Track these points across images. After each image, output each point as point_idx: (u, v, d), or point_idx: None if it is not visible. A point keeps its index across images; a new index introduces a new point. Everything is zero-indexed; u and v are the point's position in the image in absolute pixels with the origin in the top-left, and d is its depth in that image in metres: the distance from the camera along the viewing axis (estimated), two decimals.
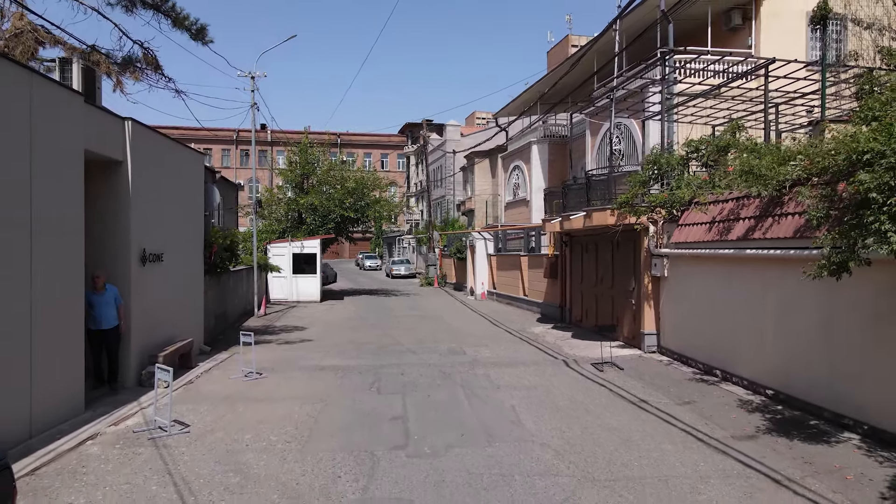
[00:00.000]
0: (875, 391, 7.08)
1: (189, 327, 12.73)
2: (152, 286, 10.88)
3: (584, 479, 6.27)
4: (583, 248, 16.85)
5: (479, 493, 5.91)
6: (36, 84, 7.44)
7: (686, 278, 11.68)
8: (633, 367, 11.73)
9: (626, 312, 13.97)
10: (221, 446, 7.28)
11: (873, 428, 7.07)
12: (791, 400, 8.53)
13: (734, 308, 9.97)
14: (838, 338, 7.70)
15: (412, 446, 7.31)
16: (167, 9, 12.60)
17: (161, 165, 11.37)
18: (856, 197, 6.15)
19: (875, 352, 7.09)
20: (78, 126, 8.40)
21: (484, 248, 28.11)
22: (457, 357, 13.19)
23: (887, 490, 5.77)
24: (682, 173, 12.49)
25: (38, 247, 7.41)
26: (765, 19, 20.49)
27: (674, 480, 6.20)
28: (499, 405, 9.19)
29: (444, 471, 6.49)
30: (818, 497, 5.70)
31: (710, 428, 7.90)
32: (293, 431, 7.89)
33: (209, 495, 5.85)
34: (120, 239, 9.97)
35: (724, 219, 10.19)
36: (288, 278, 26.39)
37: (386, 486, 6.12)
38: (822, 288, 7.59)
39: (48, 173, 7.66)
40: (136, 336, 10.22)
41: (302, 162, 29.33)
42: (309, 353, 13.84)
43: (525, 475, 6.37)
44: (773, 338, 8.98)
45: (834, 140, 7.10)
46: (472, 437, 7.67)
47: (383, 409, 8.96)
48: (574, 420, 8.36)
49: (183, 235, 12.56)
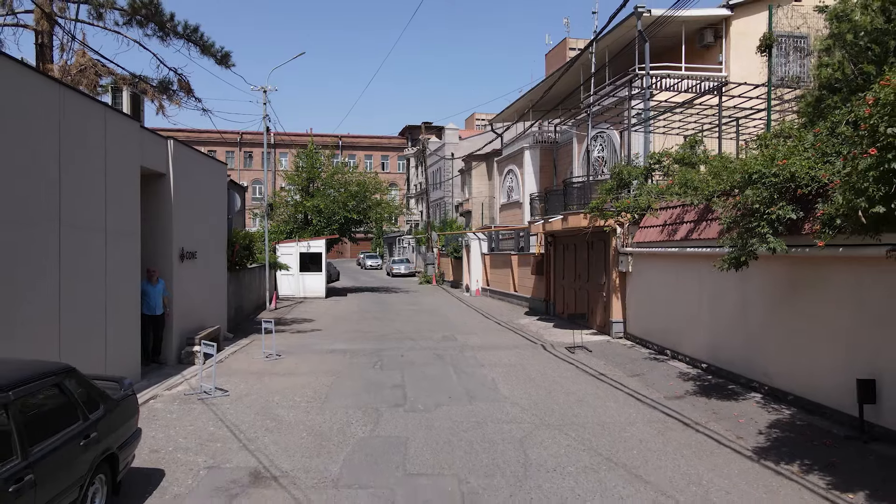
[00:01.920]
0: (774, 359, 8.97)
1: (215, 316, 14.63)
2: (188, 280, 12.77)
3: (541, 424, 8.16)
4: (564, 247, 18.74)
5: (459, 433, 7.80)
6: (108, 116, 9.34)
7: (645, 273, 13.56)
8: (601, 349, 13.62)
9: (599, 304, 15.86)
10: (257, 404, 9.17)
11: (772, 388, 8.96)
12: (719, 371, 10.42)
13: (680, 297, 11.86)
14: (750, 319, 9.59)
15: (408, 405, 9.20)
16: (196, 38, 14.52)
17: (194, 176, 13.25)
18: (746, 207, 8.03)
19: (773, 329, 8.98)
20: (136, 147, 10.29)
21: (478, 248, 29.99)
22: (449, 343, 15.08)
23: (764, 428, 7.67)
24: (644, 182, 14.37)
25: (110, 247, 9.31)
26: (734, 38, 22.35)
27: (609, 425, 8.09)
28: (481, 378, 11.08)
29: (433, 420, 8.38)
30: (711, 433, 7.60)
31: (649, 392, 9.79)
32: (313, 395, 9.78)
33: (254, 433, 7.74)
34: (164, 239, 11.86)
35: (672, 222, 12.08)
36: (295, 276, 28.27)
37: (387, 429, 8.01)
38: (738, 279, 9.47)
39: (117, 186, 9.55)
40: (177, 322, 12.11)
41: (308, 167, 31.23)
42: (320, 339, 15.73)
43: (496, 422, 8.25)
44: (706, 321, 10.88)
45: (738, 161, 8.96)
46: (456, 399, 9.56)
47: (385, 380, 10.86)
48: (541, 388, 10.25)
49: (211, 236, 14.45)
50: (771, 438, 7.32)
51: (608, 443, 7.35)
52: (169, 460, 6.73)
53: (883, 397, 6.88)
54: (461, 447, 7.22)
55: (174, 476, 6.29)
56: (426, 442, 7.43)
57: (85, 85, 11.28)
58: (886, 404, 6.85)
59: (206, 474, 6.36)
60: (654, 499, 5.73)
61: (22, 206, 7.24)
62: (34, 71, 7.99)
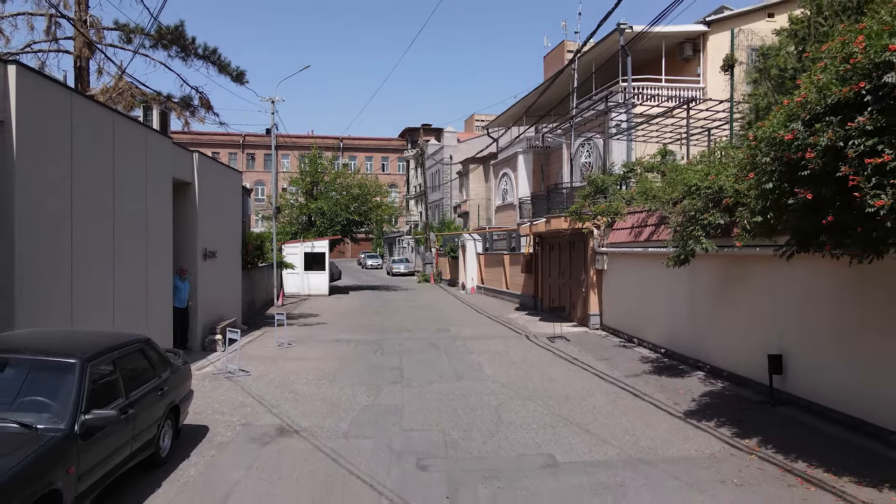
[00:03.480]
0: (714, 342, 10.57)
1: (232, 310, 16.23)
2: (210, 276, 14.37)
3: (515, 395, 9.75)
4: (550, 247, 20.34)
5: (446, 402, 9.39)
6: (148, 135, 10.94)
7: (618, 271, 15.15)
8: (578, 339, 15.21)
9: (579, 299, 17.46)
10: (275, 381, 10.77)
11: (713, 366, 10.55)
12: (674, 354, 12.02)
13: (645, 292, 13.45)
14: (697, 309, 11.18)
15: (404, 382, 10.79)
16: (214, 59, 16.12)
17: (214, 184, 14.84)
18: (687, 214, 9.62)
19: (714, 317, 10.58)
20: (169, 160, 11.89)
21: (474, 248, 31.58)
22: (443, 334, 16.67)
23: (698, 396, 9.28)
24: (619, 189, 15.96)
25: (149, 245, 10.91)
26: (711, 52, 23.92)
27: (572, 396, 9.68)
28: (469, 362, 12.67)
29: (425, 393, 9.97)
30: (655, 401, 9.19)
31: (612, 372, 11.39)
32: (322, 375, 11.37)
33: (276, 402, 9.33)
34: (190, 240, 13.45)
35: (638, 225, 13.67)
36: (300, 274, 29.85)
37: (386, 399, 9.60)
38: (688, 276, 11.06)
39: (155, 195, 11.15)
40: (201, 314, 13.72)
41: (311, 171, 32.85)
42: (325, 331, 17.33)
43: (477, 394, 9.84)
44: (665, 312, 12.47)
45: (684, 173, 10.54)
46: (446, 378, 11.15)
47: (385, 364, 12.45)
48: (520, 369, 11.84)
49: (228, 237, 16.05)
50: (700, 404, 8.92)
51: (568, 408, 8.94)
52: (210, 420, 8.32)
53: (788, 369, 8.47)
54: (447, 412, 8.81)
55: (216, 430, 7.89)
56: (418, 408, 9.02)
57: (123, 105, 12.87)
58: (790, 374, 8.45)
59: (242, 429, 7.96)
60: (595, 444, 7.32)
61: (93, 208, 8.83)
62: (101, 105, 9.57)
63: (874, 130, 5.15)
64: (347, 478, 6.30)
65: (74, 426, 4.68)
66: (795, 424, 7.77)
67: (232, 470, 6.49)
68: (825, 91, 5.66)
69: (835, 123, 5.47)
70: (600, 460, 6.80)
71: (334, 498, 5.84)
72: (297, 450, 7.19)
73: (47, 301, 7.78)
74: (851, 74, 5.41)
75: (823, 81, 5.73)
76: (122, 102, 12.89)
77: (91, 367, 5.15)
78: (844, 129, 5.37)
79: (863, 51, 5.34)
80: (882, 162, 5.01)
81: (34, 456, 4.23)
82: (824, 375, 7.88)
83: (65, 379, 4.92)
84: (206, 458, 6.84)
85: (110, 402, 5.29)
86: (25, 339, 5.75)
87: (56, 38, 13.65)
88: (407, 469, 6.58)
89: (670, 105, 19.92)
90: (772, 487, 5.92)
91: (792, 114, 6.09)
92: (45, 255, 7.75)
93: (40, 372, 5.05)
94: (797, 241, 6.63)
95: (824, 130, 5.53)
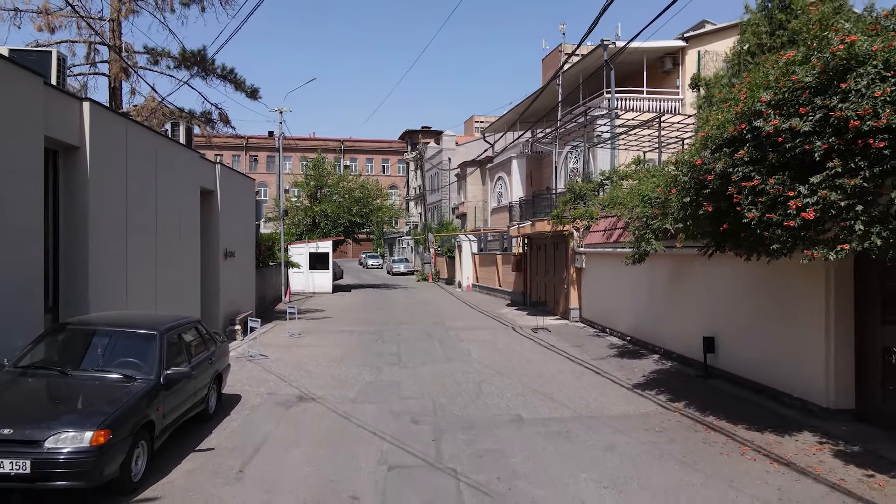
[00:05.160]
0: (667, 329, 12.33)
1: (247, 304, 18.01)
2: (229, 274, 16.14)
3: (496, 374, 11.51)
4: (537, 248, 22.10)
5: (437, 378, 11.14)
6: (182, 151, 12.70)
7: (594, 269, 16.91)
8: (558, 330, 16.97)
9: (561, 294, 19.23)
10: (291, 363, 12.53)
11: (666, 350, 12.32)
12: (637, 341, 13.79)
13: (615, 287, 15.21)
14: (655, 301, 12.94)
15: (402, 364, 12.55)
16: (232, 77, 17.90)
17: (232, 191, 16.61)
18: (640, 219, 11.38)
19: (667, 307, 12.34)
20: (197, 171, 13.66)
21: (469, 248, 33.35)
22: (437, 326, 18.44)
23: (648, 373, 11.05)
24: (596, 195, 17.72)
25: (183, 245, 12.67)
26: (689, 65, 25.69)
27: (544, 374, 11.44)
28: (459, 348, 14.43)
29: (419, 372, 11.73)
30: (612, 377, 10.95)
31: (582, 356, 13.15)
32: (331, 358, 13.13)
33: (294, 378, 11.09)
34: (213, 241, 15.22)
35: (609, 228, 15.44)
36: (305, 273, 31.64)
37: (387, 376, 11.36)
38: (648, 273, 12.82)
39: (186, 203, 12.91)
40: (222, 306, 15.49)
41: (315, 175, 34.65)
42: (331, 324, 19.10)
43: (463, 373, 11.60)
44: (631, 304, 14.23)
45: (642, 184, 12.29)
46: (438, 360, 12.92)
47: (385, 350, 14.21)
48: (503, 354, 13.60)
49: (244, 239, 17.82)
50: (648, 379, 10.69)
51: (539, 383, 10.70)
52: (241, 390, 10.08)
53: (718, 349, 10.24)
54: (437, 385, 10.58)
55: (248, 398, 9.65)
56: (413, 382, 10.79)
57: (155, 123, 14.63)
58: (720, 353, 10.21)
59: (268, 397, 9.72)
60: (554, 407, 9.09)
61: (141, 216, 10.60)
62: (147, 129, 11.35)
63: (750, 161, 6.88)
64: (356, 429, 8.06)
65: (160, 378, 6.44)
66: (717, 391, 9.54)
67: (265, 423, 8.26)
68: (722, 129, 7.42)
69: (727, 154, 7.23)
70: (556, 417, 8.56)
71: (346, 441, 7.59)
72: (315, 411, 8.96)
73: (109, 293, 9.54)
74: (738, 117, 7.16)
75: (721, 121, 7.50)
76: (155, 120, 14.66)
77: (167, 336, 6.92)
78: (732, 158, 7.12)
79: (744, 100, 7.10)
80: (754, 185, 6.75)
81: (137, 396, 5.98)
82: (742, 352, 9.65)
83: (150, 345, 6.69)
84: (243, 416, 8.61)
85: (179, 364, 7.06)
86: (114, 318, 7.54)
87: (94, 62, 15.42)
88: (403, 423, 8.34)
89: (650, 116, 21.67)
90: (682, 432, 7.69)
91: (703, 144, 7.86)
92: (109, 256, 9.52)
93: (131, 340, 6.82)
94: (714, 243, 8.39)
95: (720, 159, 7.28)
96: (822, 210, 6.11)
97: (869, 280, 7.65)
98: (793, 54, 6.86)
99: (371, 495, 5.90)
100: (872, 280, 7.59)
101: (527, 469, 6.54)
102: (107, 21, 15.53)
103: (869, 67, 5.93)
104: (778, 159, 6.58)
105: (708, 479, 6.19)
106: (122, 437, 5.51)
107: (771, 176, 6.61)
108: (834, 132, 6.05)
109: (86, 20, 13.72)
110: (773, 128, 6.51)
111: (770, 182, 6.57)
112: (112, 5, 15.37)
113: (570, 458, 6.89)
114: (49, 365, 6.44)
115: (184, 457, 6.83)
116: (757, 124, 6.74)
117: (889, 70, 5.83)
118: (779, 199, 6.50)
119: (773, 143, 6.59)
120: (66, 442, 5.16)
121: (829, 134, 6.08)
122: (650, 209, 11.07)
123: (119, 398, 5.82)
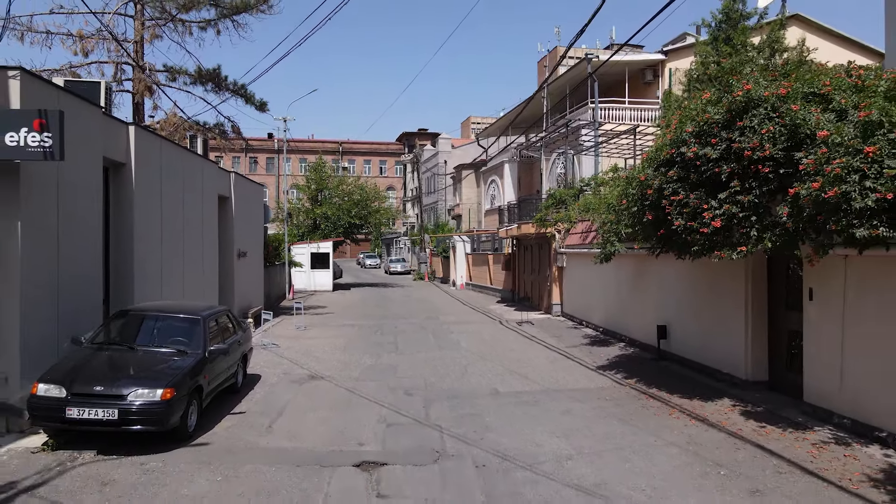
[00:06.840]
0: (632, 320, 14.02)
1: (257, 300, 19.65)
2: (242, 272, 17.79)
3: (480, 359, 13.19)
4: (525, 248, 23.79)
5: (429, 362, 12.81)
6: (204, 163, 14.35)
7: (573, 267, 18.60)
8: (541, 323, 18.65)
9: (545, 291, 20.92)
10: (301, 351, 14.18)
11: (631, 339, 14.01)
12: (608, 332, 15.48)
13: (591, 284, 16.90)
14: (622, 296, 14.63)
15: (398, 351, 14.22)
16: (242, 92, 19.56)
17: (244, 196, 18.26)
18: (606, 224, 13.06)
19: (631, 301, 14.04)
20: (216, 181, 15.31)
21: (463, 249, 35.03)
22: (431, 320, 20.12)
23: (612, 357, 12.75)
24: (574, 200, 19.40)
25: (203, 250, 14.32)
26: (668, 77, 27.38)
27: (523, 359, 13.12)
28: (450, 339, 16.11)
29: (414, 357, 13.41)
30: (581, 361, 12.64)
31: (559, 344, 14.83)
32: (336, 347, 14.79)
33: (304, 362, 12.75)
34: (228, 243, 16.86)
35: (585, 231, 17.13)
36: (307, 272, 33.27)
37: (385, 361, 13.03)
38: (615, 271, 14.50)
39: (207, 210, 14.55)
40: (237, 300, 17.13)
41: (316, 178, 36.32)
42: (333, 318, 20.76)
43: (452, 358, 13.28)
44: (603, 299, 15.92)
45: (610, 189, 13.96)
46: (430, 348, 14.59)
47: (384, 340, 15.88)
48: (489, 344, 15.28)
49: (253, 240, 19.47)
50: (611, 362, 12.38)
51: (517, 366, 12.38)
52: (261, 371, 11.73)
53: (670, 335, 11.93)
54: (428, 367, 12.25)
55: (266, 377, 11.31)
56: (408, 365, 12.46)
57: (178, 137, 16.26)
58: (672, 339, 11.91)
59: (284, 376, 11.38)
60: (527, 383, 10.77)
61: (172, 223, 12.25)
62: (175, 145, 13.00)
63: (678, 179, 8.56)
64: (360, 399, 9.72)
65: (205, 353, 8.10)
66: (666, 371, 11.24)
67: (284, 394, 9.93)
68: (659, 151, 9.11)
69: (662, 173, 8.91)
70: (527, 391, 10.24)
71: (352, 407, 9.25)
72: (325, 387, 10.63)
73: (148, 289, 11.18)
74: (670, 143, 8.85)
75: (659, 144, 9.18)
76: (177, 135, 16.29)
77: (208, 320, 8.58)
78: (666, 176, 8.79)
79: (674, 129, 8.79)
80: (680, 199, 8.43)
81: (190, 365, 7.64)
82: (688, 338, 11.35)
83: (196, 327, 8.35)
84: (265, 389, 10.28)
85: (217, 343, 8.72)
86: (163, 306, 9.21)
87: (120, 80, 17.06)
88: (399, 395, 10.00)
89: (630, 125, 23.36)
90: (628, 400, 9.38)
91: (648, 163, 9.54)
92: (148, 260, 11.16)
93: (179, 322, 8.47)
94: (658, 246, 10.07)
95: (657, 177, 8.96)
96: (726, 220, 7.80)
97: (778, 276, 9.34)
98: (708, 95, 8.56)
99: (373, 441, 7.58)
100: (780, 275, 9.29)
101: (497, 425, 8.22)
102: (131, 43, 17.18)
103: (761, 109, 7.62)
104: (697, 178, 8.27)
105: (638, 430, 7.88)
106: (182, 395, 7.17)
107: (692, 192, 8.30)
108: (735, 159, 7.75)
109: (119, 43, 15.35)
110: (693, 153, 8.20)
111: (691, 197, 8.26)
112: (136, 29, 17.02)
113: (534, 418, 8.57)
114: (118, 342, 8.10)
115: (222, 417, 8.49)
116: (683, 150, 8.43)
117: (775, 112, 7.52)
118: (698, 211, 8.19)
119: (693, 165, 8.28)
120: (143, 396, 6.82)
121: (731, 160, 7.78)
122: (612, 215, 12.78)
123: (178, 366, 7.48)
